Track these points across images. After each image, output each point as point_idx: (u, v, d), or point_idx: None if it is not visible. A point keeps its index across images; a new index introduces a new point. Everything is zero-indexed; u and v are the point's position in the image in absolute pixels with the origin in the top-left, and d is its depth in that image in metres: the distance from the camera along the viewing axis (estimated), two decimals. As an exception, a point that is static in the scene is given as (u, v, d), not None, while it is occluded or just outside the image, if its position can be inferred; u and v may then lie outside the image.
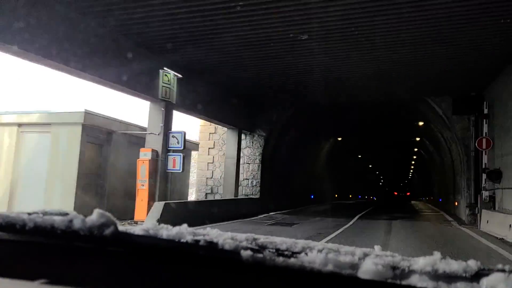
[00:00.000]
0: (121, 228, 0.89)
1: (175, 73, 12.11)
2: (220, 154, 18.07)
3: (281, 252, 0.80)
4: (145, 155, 11.71)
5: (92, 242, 0.86)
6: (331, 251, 0.81)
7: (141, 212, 11.20)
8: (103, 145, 12.92)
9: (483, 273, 0.70)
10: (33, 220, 0.86)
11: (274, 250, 0.82)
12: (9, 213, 0.90)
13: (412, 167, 48.86)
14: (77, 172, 11.58)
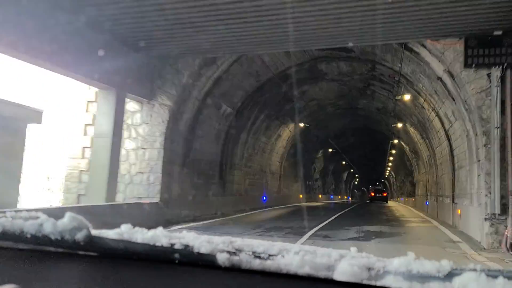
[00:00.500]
0: (94, 231, 0.89)
1: None
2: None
3: (257, 255, 0.82)
4: None
5: (63, 246, 0.87)
6: (307, 253, 0.83)
7: None
8: None
9: (455, 272, 0.73)
10: (1, 224, 0.86)
11: (250, 253, 0.83)
12: None
13: (390, 163, 42.25)
14: None
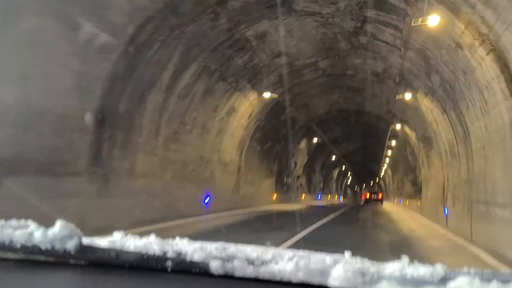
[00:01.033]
0: (85, 240, 0.89)
1: None
2: None
3: (251, 262, 0.82)
4: None
5: (54, 255, 0.86)
6: (301, 259, 0.83)
7: None
8: None
9: (449, 277, 0.74)
10: None
11: (244, 260, 0.83)
12: None
13: (387, 159, 34.81)
14: None
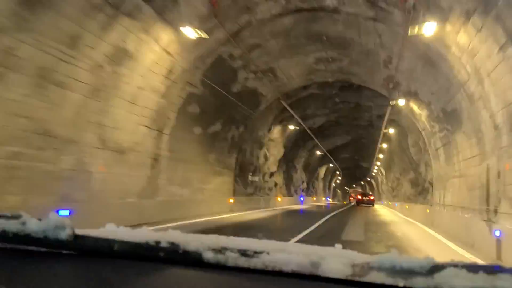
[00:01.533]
0: (78, 230, 0.88)
1: None
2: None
3: (243, 252, 0.84)
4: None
5: (46, 245, 0.86)
6: (292, 250, 0.84)
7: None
8: None
9: (437, 268, 0.74)
10: None
11: (236, 251, 0.84)
12: None
13: (380, 155, 30.77)
14: None
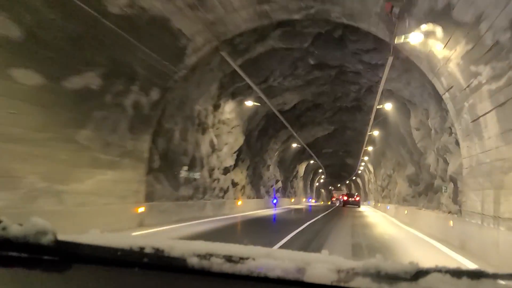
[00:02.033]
0: (60, 236, 0.88)
1: None
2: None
3: (229, 258, 0.86)
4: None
5: (27, 251, 0.86)
6: (278, 256, 0.87)
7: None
8: None
9: (422, 273, 0.77)
10: None
11: (221, 256, 0.87)
12: None
13: (369, 146, 27.09)
14: None
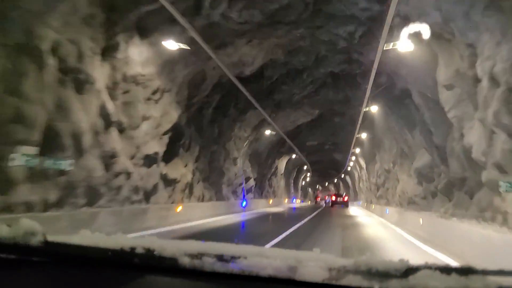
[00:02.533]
0: (50, 236, 0.90)
1: None
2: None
3: (220, 257, 0.90)
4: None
5: (16, 252, 0.87)
6: (270, 255, 0.92)
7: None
8: None
9: (412, 270, 0.81)
10: None
11: (213, 256, 0.90)
12: None
13: (364, 135, 22.15)
14: None
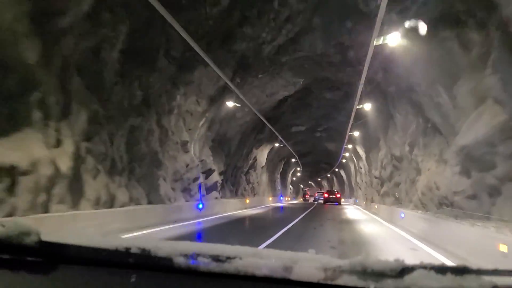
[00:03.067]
0: (44, 236, 0.87)
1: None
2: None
3: (215, 258, 0.86)
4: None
5: (10, 252, 0.85)
6: (265, 255, 0.89)
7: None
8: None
9: (407, 270, 0.77)
10: None
11: (208, 256, 0.87)
12: None
13: (368, 104, 14.79)
14: None
